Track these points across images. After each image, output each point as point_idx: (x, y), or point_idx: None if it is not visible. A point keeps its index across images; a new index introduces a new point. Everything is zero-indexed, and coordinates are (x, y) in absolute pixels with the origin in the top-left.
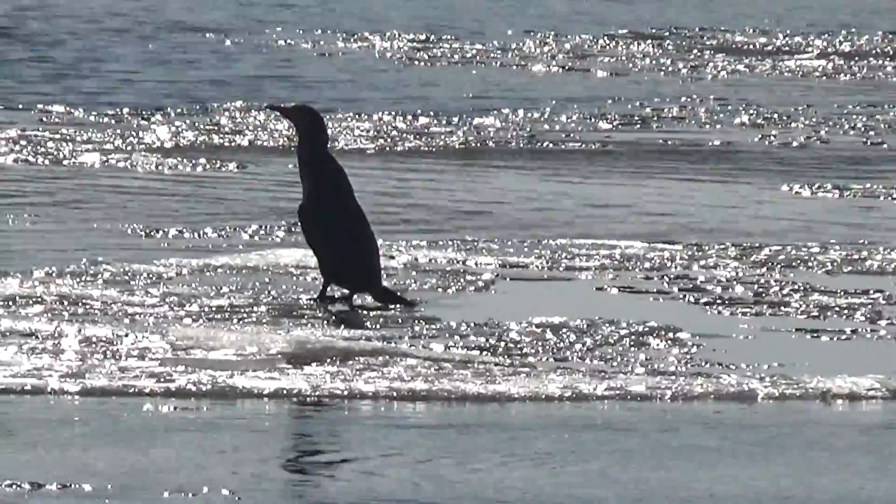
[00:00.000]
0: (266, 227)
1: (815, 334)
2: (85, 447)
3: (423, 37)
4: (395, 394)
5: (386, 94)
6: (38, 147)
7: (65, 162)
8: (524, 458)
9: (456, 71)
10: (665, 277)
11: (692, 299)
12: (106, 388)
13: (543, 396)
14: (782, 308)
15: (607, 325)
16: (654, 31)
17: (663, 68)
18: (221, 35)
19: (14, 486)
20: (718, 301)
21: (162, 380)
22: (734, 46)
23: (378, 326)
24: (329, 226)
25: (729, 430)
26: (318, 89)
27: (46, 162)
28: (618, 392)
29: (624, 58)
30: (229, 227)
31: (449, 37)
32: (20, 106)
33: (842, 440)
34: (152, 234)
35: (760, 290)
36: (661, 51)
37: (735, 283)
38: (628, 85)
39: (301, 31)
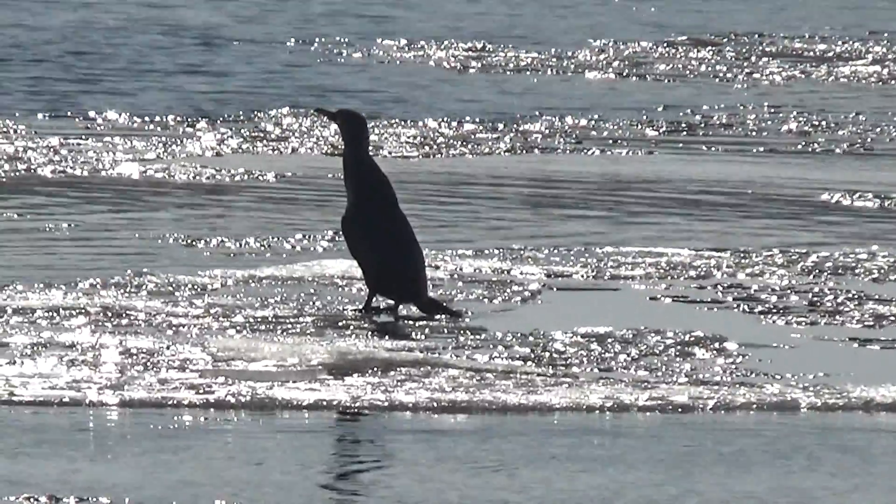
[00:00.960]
0: (310, 236)
1: (866, 343)
2: (114, 459)
3: (479, 45)
4: (435, 405)
5: (435, 101)
6: (79, 155)
7: (106, 170)
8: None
9: (509, 79)
10: (718, 287)
11: (746, 308)
12: (144, 400)
13: (584, 407)
14: (837, 317)
15: (653, 334)
16: (713, 37)
17: (718, 75)
18: (280, 44)
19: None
20: (773, 310)
21: (201, 391)
22: (793, 52)
23: (423, 337)
24: (373, 235)
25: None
26: (368, 96)
27: (86, 171)
28: (659, 402)
29: (680, 65)
30: (273, 236)
31: (506, 45)
32: (68, 113)
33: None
34: (195, 243)
35: (816, 298)
36: (719, 57)
37: (788, 291)
38: (681, 92)
39: (357, 40)
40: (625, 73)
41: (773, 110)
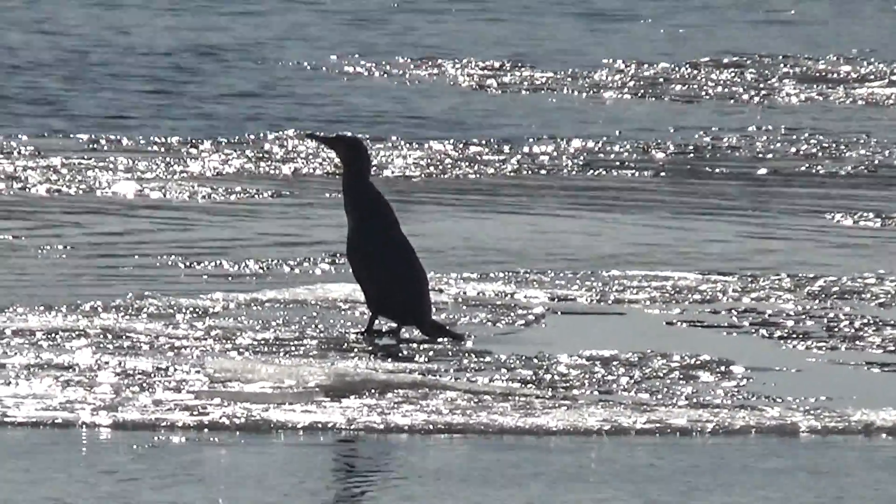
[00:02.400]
0: (310, 259)
1: (886, 368)
2: (101, 480)
3: (497, 64)
4: (431, 427)
5: (443, 121)
6: (78, 175)
7: (106, 192)
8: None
9: (523, 98)
10: (733, 311)
11: (765, 333)
12: (137, 422)
13: (582, 429)
14: (857, 342)
15: (659, 358)
16: (735, 58)
17: (735, 96)
18: (296, 61)
19: None
20: (792, 335)
21: (195, 413)
22: (815, 74)
23: (425, 360)
24: (374, 258)
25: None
26: (373, 116)
27: (81, 191)
28: (658, 425)
29: (696, 86)
30: (273, 259)
31: (525, 64)
32: (70, 135)
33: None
34: (195, 265)
35: (832, 323)
36: (739, 78)
37: (804, 316)
38: (696, 113)
39: (369, 57)
40: (640, 94)
41: (783, 132)
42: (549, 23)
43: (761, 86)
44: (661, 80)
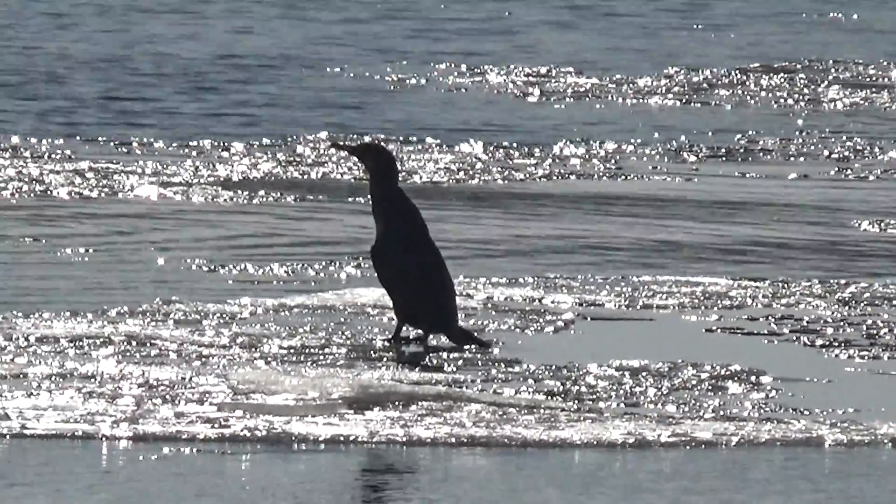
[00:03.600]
0: (337, 262)
1: None
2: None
3: (543, 70)
4: (453, 440)
5: (479, 126)
6: (104, 180)
7: (133, 195)
8: None
9: (565, 105)
10: (771, 318)
11: (807, 341)
12: (158, 434)
13: (606, 443)
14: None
15: (690, 367)
16: (786, 63)
17: (779, 101)
18: (342, 66)
19: None
20: (834, 343)
21: (217, 425)
22: (864, 79)
23: (453, 369)
24: (402, 266)
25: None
26: (408, 121)
27: (103, 194)
28: (683, 438)
29: (741, 90)
30: (301, 263)
31: (572, 71)
32: (102, 139)
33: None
34: (222, 270)
35: (872, 331)
36: (787, 83)
37: (842, 323)
38: (735, 117)
39: (415, 64)
40: (685, 100)
41: (821, 136)
42: (597, 28)
43: (807, 91)
44: (707, 85)
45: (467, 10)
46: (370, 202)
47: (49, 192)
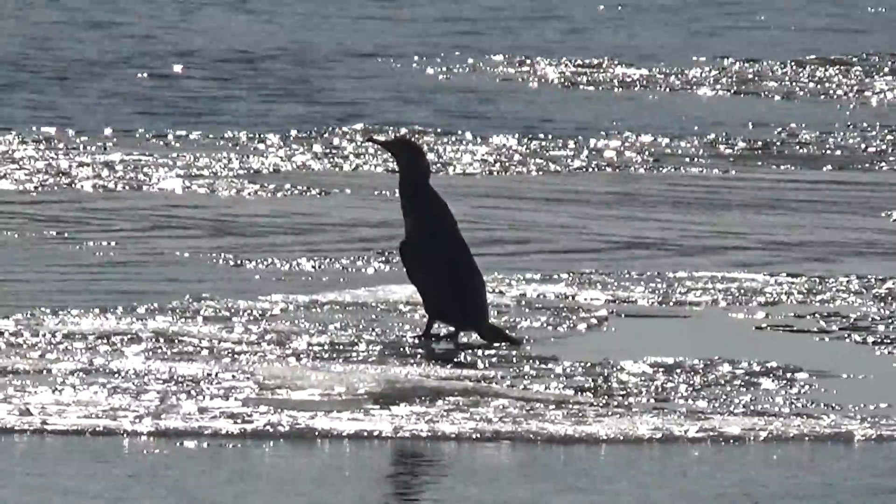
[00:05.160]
0: (364, 258)
1: None
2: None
3: (595, 61)
4: (478, 435)
5: (522, 117)
6: (135, 173)
7: (164, 189)
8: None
9: (614, 95)
10: (817, 315)
11: (858, 339)
12: (180, 430)
13: (633, 438)
14: None
15: (726, 364)
16: (843, 56)
17: (827, 93)
18: (388, 59)
19: None
20: (886, 340)
21: (239, 421)
22: None
23: (484, 366)
24: (432, 262)
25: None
26: (449, 112)
27: (129, 188)
28: (710, 434)
29: (790, 82)
30: (334, 258)
31: (623, 62)
32: (138, 132)
33: None
34: (254, 265)
35: None
36: (841, 76)
37: (890, 320)
38: (782, 110)
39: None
40: (733, 91)
41: (862, 129)
42: (655, 20)
43: (858, 84)
44: (756, 77)
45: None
46: (399, 196)
47: (77, 185)
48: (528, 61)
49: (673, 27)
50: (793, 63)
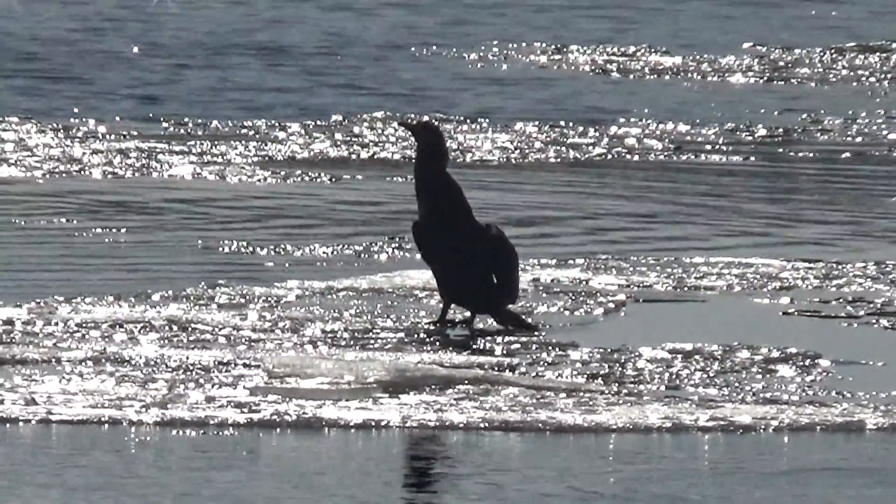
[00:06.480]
0: (379, 243)
1: None
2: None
3: (630, 49)
4: (487, 424)
5: (548, 104)
6: (153, 161)
7: (179, 176)
8: None
9: (644, 83)
10: (842, 300)
11: (887, 324)
12: (186, 420)
13: (642, 427)
14: None
15: (745, 350)
16: (883, 42)
17: (860, 80)
18: (419, 47)
19: None
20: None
21: (246, 410)
22: None
23: (505, 352)
24: (446, 246)
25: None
26: (468, 100)
27: (153, 175)
28: (720, 423)
29: (822, 69)
30: (348, 244)
31: (654, 49)
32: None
33: None
34: (270, 252)
35: None
36: (879, 63)
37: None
38: (813, 97)
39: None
40: (766, 79)
41: (889, 116)
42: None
43: (890, 71)
44: (790, 64)
45: None
46: (414, 179)
47: (83, 171)
48: (563, 48)
49: (713, 19)
50: (831, 49)
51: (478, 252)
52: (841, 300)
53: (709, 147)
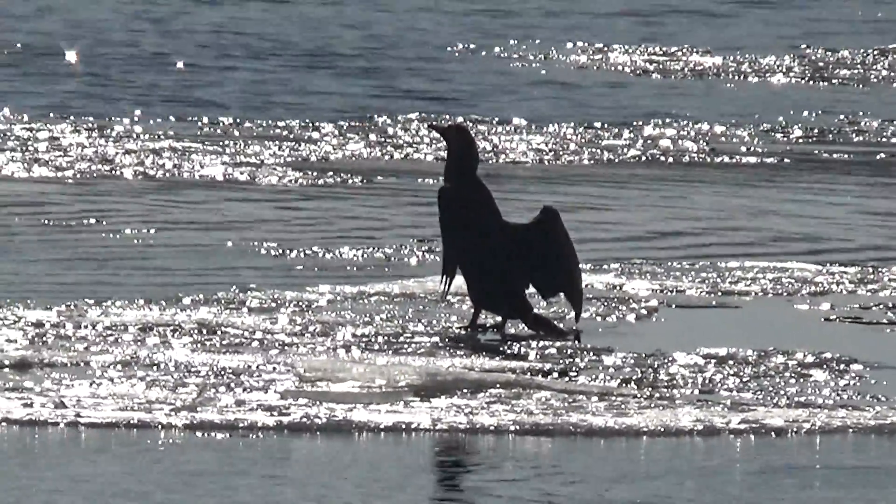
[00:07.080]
0: (411, 247)
1: None
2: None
3: (671, 50)
4: (517, 428)
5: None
6: (183, 161)
7: (211, 177)
8: None
9: (683, 84)
10: (882, 305)
11: None
12: (215, 423)
13: (674, 430)
14: None
15: (779, 355)
16: None
17: None
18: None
19: None
20: None
21: (276, 413)
22: None
23: (539, 357)
24: (475, 250)
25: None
26: (505, 101)
27: (185, 176)
28: (752, 425)
29: (864, 70)
30: (376, 248)
31: (696, 50)
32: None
33: None
34: (292, 255)
35: None
36: None
37: None
38: (855, 98)
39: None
40: (806, 79)
41: None
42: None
43: None
44: (832, 65)
45: None
46: (444, 182)
47: (115, 171)
48: (604, 48)
49: (761, 23)
50: (875, 50)
51: (499, 254)
52: (881, 306)
53: (744, 149)
